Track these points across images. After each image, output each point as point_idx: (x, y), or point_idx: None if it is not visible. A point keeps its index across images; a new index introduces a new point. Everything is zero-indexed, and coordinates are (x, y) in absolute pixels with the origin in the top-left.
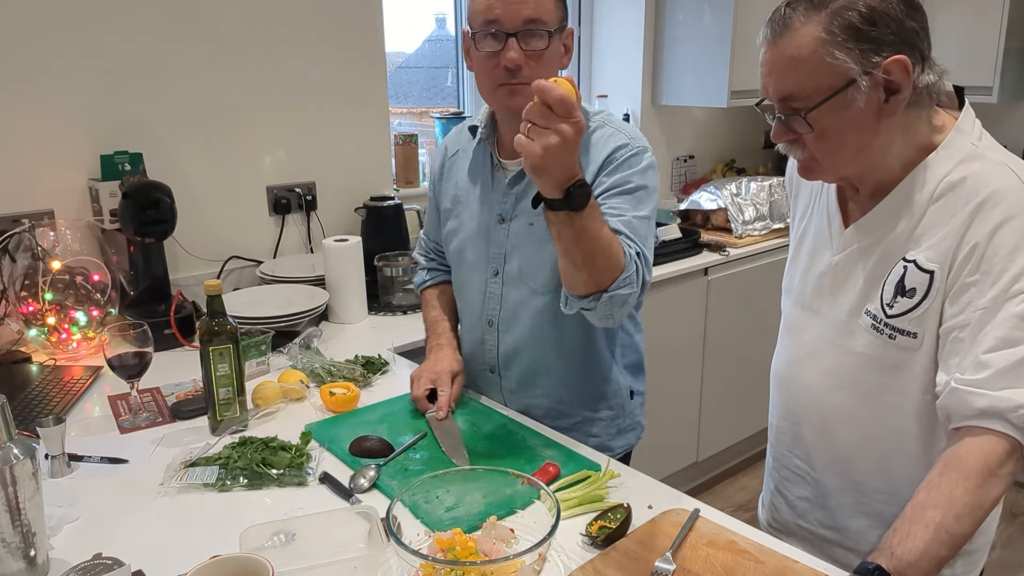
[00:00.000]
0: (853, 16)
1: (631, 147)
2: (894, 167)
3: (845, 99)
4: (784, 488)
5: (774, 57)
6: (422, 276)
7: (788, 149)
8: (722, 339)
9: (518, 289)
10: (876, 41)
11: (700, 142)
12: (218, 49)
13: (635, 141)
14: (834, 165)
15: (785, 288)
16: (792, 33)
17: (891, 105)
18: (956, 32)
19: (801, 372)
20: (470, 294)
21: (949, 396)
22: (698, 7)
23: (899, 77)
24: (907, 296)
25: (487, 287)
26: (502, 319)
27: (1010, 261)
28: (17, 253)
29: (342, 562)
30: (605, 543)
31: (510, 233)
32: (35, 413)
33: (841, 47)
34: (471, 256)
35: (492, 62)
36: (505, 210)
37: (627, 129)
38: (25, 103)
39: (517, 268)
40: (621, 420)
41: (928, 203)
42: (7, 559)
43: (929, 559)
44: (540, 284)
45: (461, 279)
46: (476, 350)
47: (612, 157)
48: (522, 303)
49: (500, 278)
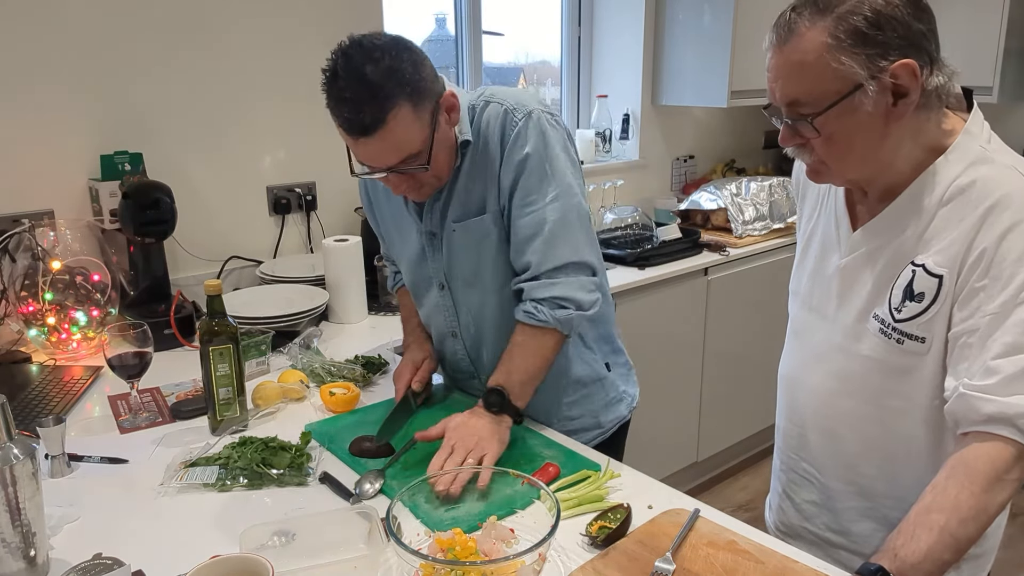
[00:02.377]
0: (858, 20)
1: (515, 115)
2: (903, 170)
3: (852, 104)
4: (791, 491)
5: (780, 62)
6: (393, 279)
7: (796, 153)
8: (722, 339)
9: (469, 295)
10: (882, 45)
11: (700, 142)
12: (218, 49)
13: (520, 108)
14: (843, 169)
15: (792, 290)
16: (798, 38)
17: (899, 109)
18: (956, 32)
19: (808, 375)
20: (428, 310)
21: (957, 401)
22: (698, 7)
23: (907, 81)
24: (915, 300)
25: (440, 301)
26: (462, 327)
27: (1019, 266)
28: (17, 253)
29: (342, 562)
30: (605, 543)
31: (443, 246)
32: (35, 413)
33: (847, 52)
34: (415, 277)
35: (383, 181)
36: (433, 224)
37: (511, 96)
38: (25, 103)
39: (460, 276)
40: (603, 395)
41: (937, 207)
42: (7, 559)
43: (932, 562)
44: (489, 283)
45: (416, 298)
46: (451, 360)
47: (504, 134)
48: (479, 305)
49: (448, 290)
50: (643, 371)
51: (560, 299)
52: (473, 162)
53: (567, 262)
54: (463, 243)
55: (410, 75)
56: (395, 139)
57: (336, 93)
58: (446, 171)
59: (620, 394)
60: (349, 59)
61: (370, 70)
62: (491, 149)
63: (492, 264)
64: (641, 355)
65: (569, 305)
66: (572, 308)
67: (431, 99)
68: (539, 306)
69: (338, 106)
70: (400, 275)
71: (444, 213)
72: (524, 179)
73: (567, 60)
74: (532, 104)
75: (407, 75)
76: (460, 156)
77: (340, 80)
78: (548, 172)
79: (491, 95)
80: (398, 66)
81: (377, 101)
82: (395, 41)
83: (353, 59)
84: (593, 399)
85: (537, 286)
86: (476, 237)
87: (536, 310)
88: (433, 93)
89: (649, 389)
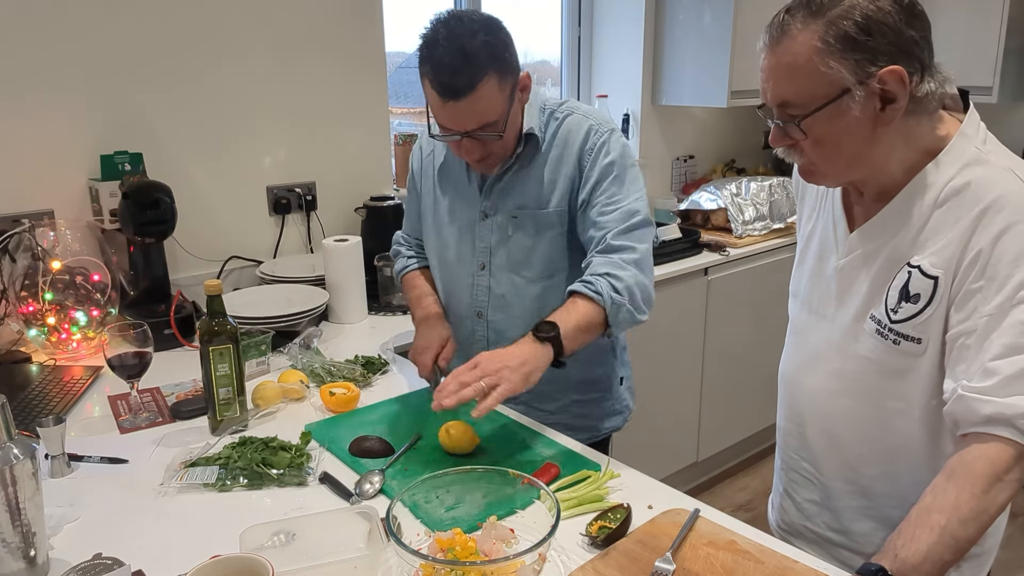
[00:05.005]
0: (849, 26)
1: (600, 130)
2: (897, 172)
3: (840, 108)
4: (792, 490)
5: (771, 63)
6: (404, 262)
7: (787, 153)
8: (722, 339)
9: (508, 279)
10: (872, 51)
11: (700, 142)
12: (218, 49)
13: (604, 124)
14: (832, 171)
15: (792, 291)
16: (789, 41)
17: (887, 114)
18: (956, 32)
19: (807, 375)
20: (456, 288)
21: (956, 403)
22: (698, 7)
23: (894, 87)
24: (911, 302)
25: (474, 280)
26: (491, 310)
27: (1015, 267)
28: (17, 253)
29: (342, 562)
30: (605, 543)
31: (494, 228)
32: (35, 413)
33: (836, 56)
34: (456, 252)
35: (454, 146)
36: (487, 207)
37: (594, 114)
38: (25, 103)
39: (506, 260)
40: (609, 404)
41: (932, 208)
42: (7, 559)
43: (932, 562)
44: (535, 273)
45: (446, 274)
46: (466, 340)
47: (588, 145)
48: (514, 292)
49: (487, 271)
50: (643, 371)
51: (622, 288)
52: (542, 159)
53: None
54: (522, 230)
55: (500, 51)
56: (479, 106)
57: (435, 58)
58: (511, 147)
59: (622, 407)
60: (451, 29)
61: (467, 41)
62: (568, 154)
63: (545, 255)
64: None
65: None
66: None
67: (514, 76)
68: (599, 280)
69: (435, 70)
70: (414, 259)
71: (503, 197)
72: (608, 182)
73: (567, 60)
74: (612, 123)
75: (498, 50)
76: (522, 144)
77: (440, 47)
78: (628, 179)
79: (574, 108)
80: (492, 41)
81: (471, 69)
82: (489, 19)
83: (454, 30)
84: (600, 405)
85: (606, 262)
86: (538, 228)
87: (596, 282)
88: (516, 71)
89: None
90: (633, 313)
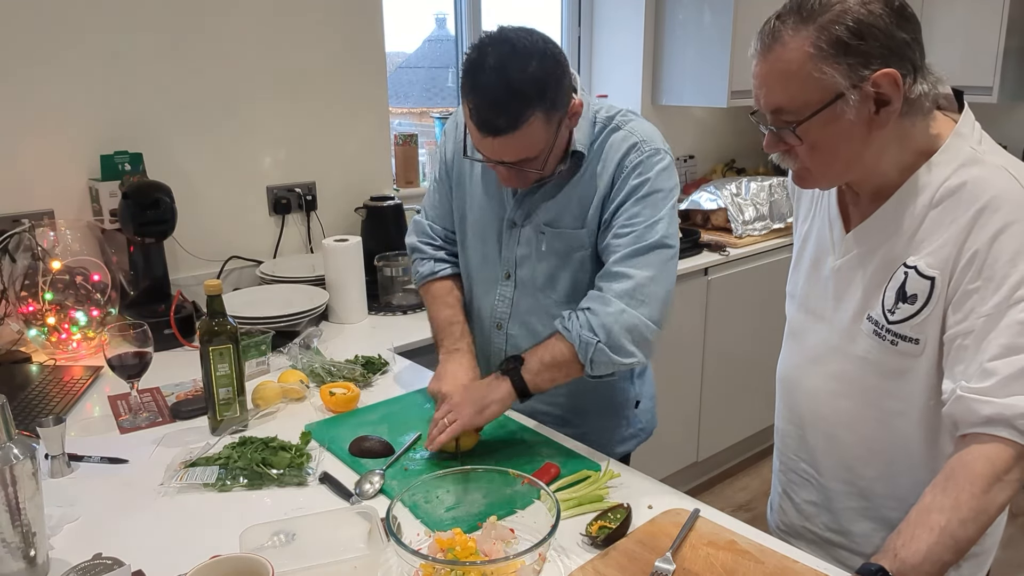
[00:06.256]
0: (840, 30)
1: (643, 149)
2: (891, 173)
3: (834, 112)
4: (791, 491)
5: (764, 70)
6: (429, 266)
7: (781, 159)
8: (722, 339)
9: (533, 296)
10: (864, 55)
11: (700, 142)
12: (218, 49)
13: (648, 143)
14: (826, 175)
15: (789, 292)
16: (781, 47)
17: (882, 117)
18: (956, 32)
19: (805, 377)
20: (479, 293)
21: (955, 404)
22: (698, 7)
23: (888, 90)
24: (908, 302)
25: (498, 288)
26: (511, 323)
27: (1011, 267)
28: (17, 253)
29: (342, 562)
30: (605, 543)
31: (521, 239)
32: (35, 413)
33: (829, 62)
34: (481, 252)
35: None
36: (518, 216)
37: (642, 130)
38: (25, 103)
39: (530, 276)
40: (625, 429)
41: (928, 208)
42: (7, 559)
43: (932, 562)
44: (561, 295)
45: (468, 272)
46: (485, 348)
47: (625, 162)
48: (539, 310)
49: (512, 281)
50: None
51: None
52: (581, 175)
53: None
54: (551, 248)
55: (551, 86)
56: (521, 144)
57: (479, 87)
58: (552, 168)
59: (636, 431)
60: (500, 57)
61: (517, 75)
62: (604, 170)
63: (570, 279)
64: None
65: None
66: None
67: (563, 109)
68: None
69: (477, 102)
70: (439, 264)
71: (535, 209)
72: (631, 203)
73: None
74: (660, 143)
75: (549, 86)
76: (566, 162)
77: (485, 75)
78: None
79: (625, 122)
80: (543, 76)
81: (517, 107)
82: (544, 48)
83: (504, 58)
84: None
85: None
86: (566, 247)
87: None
88: (566, 103)
89: None
90: (608, 353)
